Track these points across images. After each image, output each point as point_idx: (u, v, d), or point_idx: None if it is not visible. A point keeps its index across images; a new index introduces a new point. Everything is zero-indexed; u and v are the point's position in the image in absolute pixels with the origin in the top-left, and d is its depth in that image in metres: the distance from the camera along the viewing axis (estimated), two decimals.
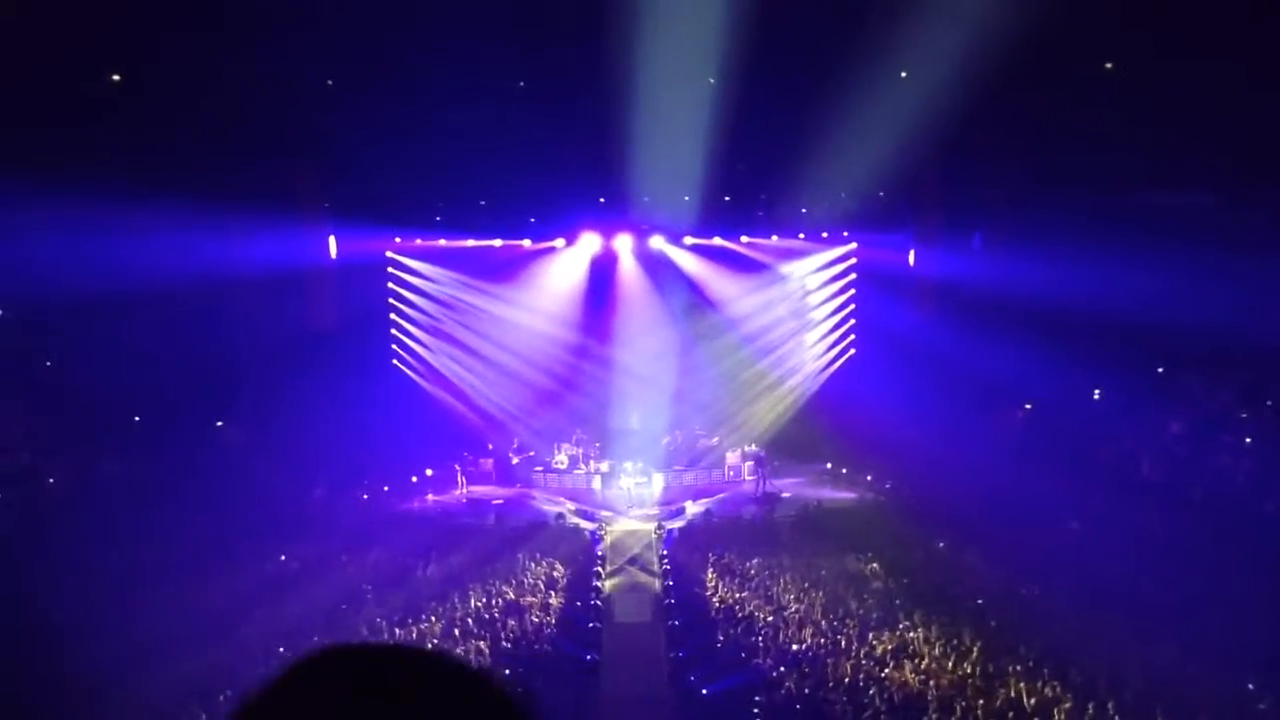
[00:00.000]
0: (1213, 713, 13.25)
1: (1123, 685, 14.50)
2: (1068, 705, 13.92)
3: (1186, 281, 20.32)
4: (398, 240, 27.23)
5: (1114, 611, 16.89)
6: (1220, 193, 21.99)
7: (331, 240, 26.17)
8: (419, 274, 27.51)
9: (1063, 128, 21.50)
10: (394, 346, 27.88)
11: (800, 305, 28.71)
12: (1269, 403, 20.62)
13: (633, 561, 21.10)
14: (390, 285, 27.59)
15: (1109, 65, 19.83)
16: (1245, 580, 16.57)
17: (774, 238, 27.63)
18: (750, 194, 27.26)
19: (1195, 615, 16.12)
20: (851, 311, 28.57)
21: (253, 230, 23.37)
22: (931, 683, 15.11)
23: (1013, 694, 14.46)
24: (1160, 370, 23.01)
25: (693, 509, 23.99)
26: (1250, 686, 13.98)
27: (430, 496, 24.98)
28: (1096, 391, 23.72)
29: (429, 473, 25.52)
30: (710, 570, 19.89)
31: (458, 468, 25.69)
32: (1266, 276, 19.49)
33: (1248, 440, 20.02)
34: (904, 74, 20.06)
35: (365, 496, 24.22)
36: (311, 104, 21.45)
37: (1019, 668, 15.31)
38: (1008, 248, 24.62)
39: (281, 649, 16.29)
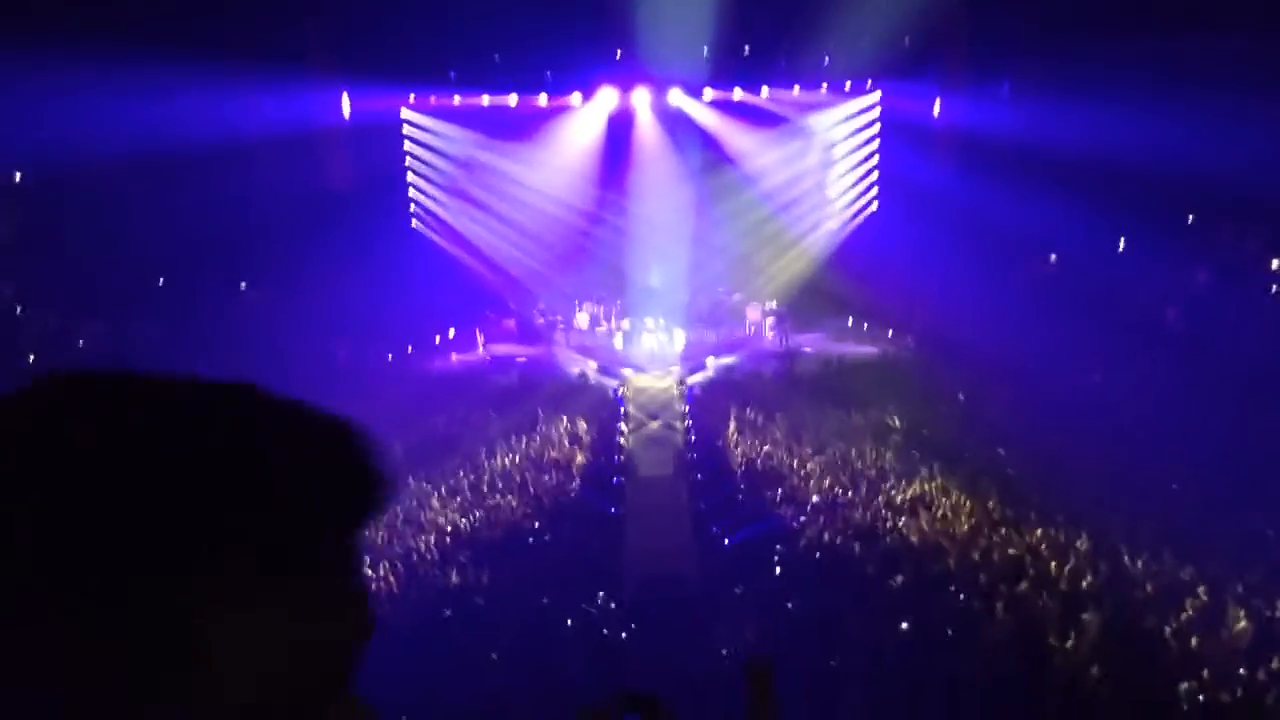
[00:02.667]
0: (1229, 559, 13.49)
1: (1139, 532, 14.78)
2: (1083, 551, 14.21)
3: (1218, 127, 19.77)
4: (412, 98, 26.68)
5: (1133, 461, 17.08)
6: (1255, 34, 21.12)
7: (345, 99, 25.70)
8: (435, 133, 27.04)
9: None
10: (412, 207, 27.67)
11: (822, 158, 28.14)
12: None
13: (655, 417, 21.36)
14: (406, 145, 27.18)
15: None
16: (1266, 429, 16.66)
17: (795, 89, 26.86)
18: (771, 44, 26.39)
19: (1215, 464, 16.30)
20: (875, 164, 27.98)
21: (266, 91, 23.02)
22: (949, 531, 15.44)
23: (1029, 541, 14.76)
24: (1189, 219, 22.60)
25: (714, 365, 24.11)
26: (1269, 533, 14.18)
27: (454, 356, 25.20)
28: (1122, 241, 23.38)
29: (451, 332, 25.68)
30: (732, 425, 20.14)
31: (479, 328, 25.86)
32: None
33: (1275, 289, 19.77)
34: None
35: (389, 356, 24.45)
36: None
37: (1035, 516, 15.60)
38: (1036, 96, 23.89)
39: None
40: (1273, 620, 11.91)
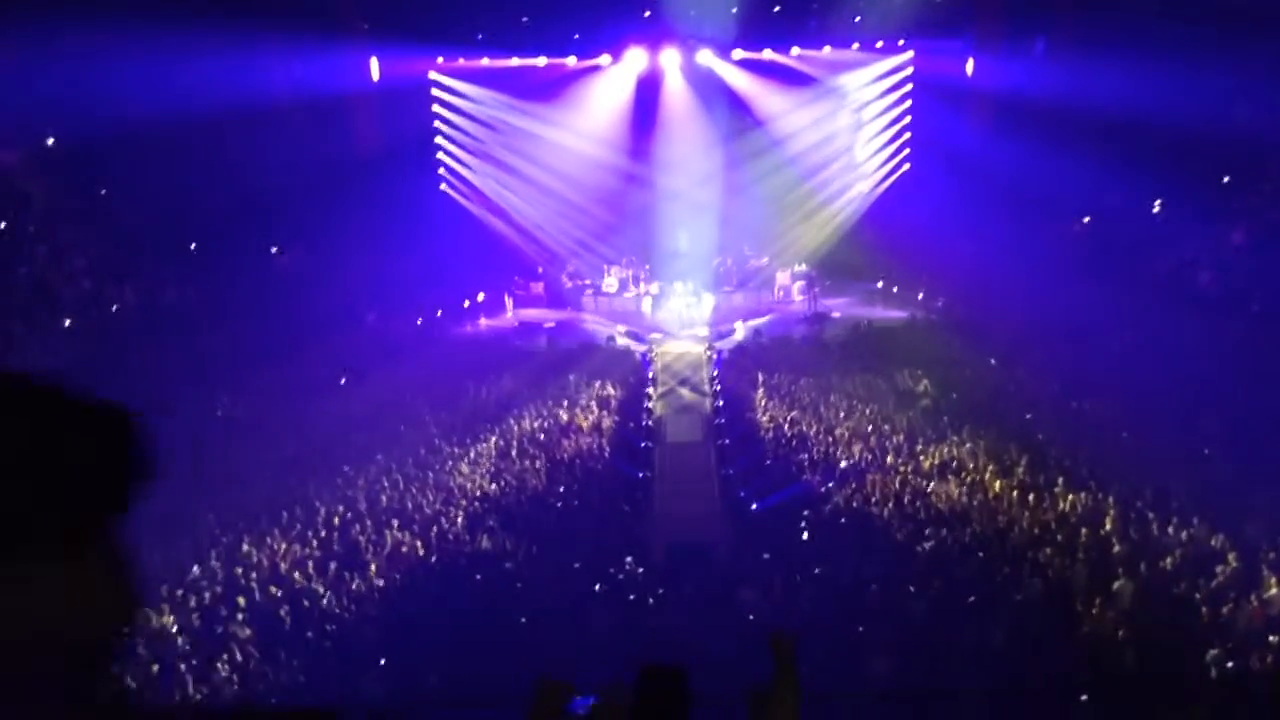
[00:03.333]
0: (1260, 523, 13.37)
1: (1168, 497, 14.68)
2: (1111, 515, 14.15)
3: (1255, 86, 19.39)
4: (440, 61, 26.60)
5: (1164, 426, 16.93)
6: None
7: (374, 62, 25.66)
8: (464, 95, 26.97)
9: None
10: (441, 171, 27.66)
11: (853, 119, 27.83)
12: None
13: (683, 382, 21.39)
14: (435, 108, 27.13)
15: None
16: None
17: (826, 49, 26.51)
18: (801, 2, 26.09)
19: (1246, 429, 16.13)
20: (906, 125, 27.64)
21: (295, 54, 23.05)
22: (977, 496, 15.41)
23: (1058, 507, 14.71)
24: (1225, 180, 22.20)
25: (742, 329, 24.08)
26: None
27: (482, 320, 25.31)
28: (1157, 203, 23.01)
29: (480, 297, 25.76)
30: (760, 390, 20.13)
31: (508, 293, 25.95)
32: None
33: None
34: None
35: (419, 321, 24.59)
36: None
37: (1064, 481, 15.53)
38: (1072, 53, 23.47)
39: (346, 469, 17.08)
40: None
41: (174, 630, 12.18)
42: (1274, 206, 20.97)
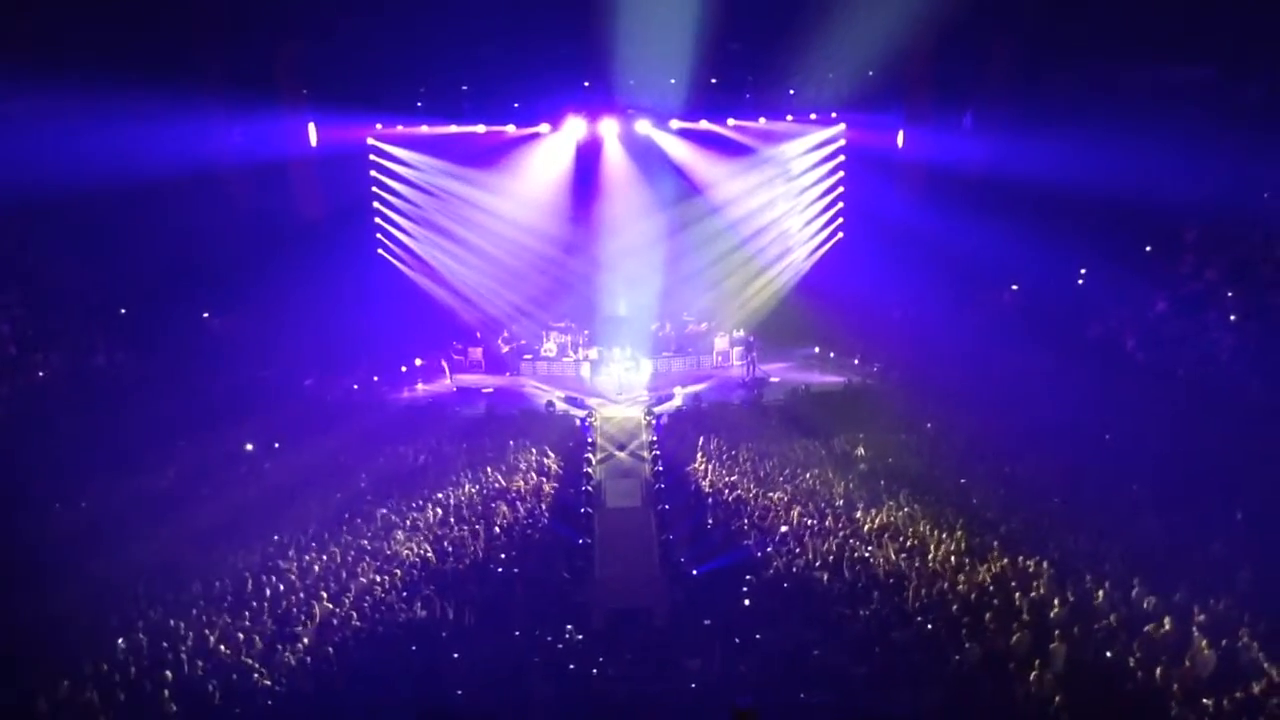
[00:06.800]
0: (1192, 584, 13.60)
1: (1103, 559, 14.90)
2: (1046, 579, 14.30)
3: (1178, 159, 20.14)
4: (379, 127, 26.67)
5: (1096, 488, 17.25)
6: (1215, 68, 21.60)
7: (311, 128, 25.65)
8: (402, 161, 27.04)
9: (1051, 7, 21.14)
10: (379, 236, 27.57)
11: (789, 188, 28.37)
12: (1256, 281, 20.62)
13: (622, 447, 21.34)
14: (373, 174, 27.12)
15: None
16: (1226, 457, 16.87)
17: (761, 120, 27.12)
18: (738, 75, 26.66)
19: (1176, 490, 16.49)
20: (840, 194, 28.28)
21: (233, 120, 23.00)
22: (915, 560, 15.48)
23: (994, 570, 14.83)
24: (1148, 249, 22.97)
25: (682, 394, 24.14)
26: (1232, 561, 14.31)
27: (420, 386, 25.07)
28: (1083, 271, 23.71)
29: (418, 362, 25.56)
30: (700, 455, 20.14)
31: (446, 359, 25.80)
32: (1259, 153, 19.34)
33: (1233, 318, 20.09)
34: None
35: (355, 386, 24.31)
36: None
37: (1000, 544, 15.69)
38: (999, 127, 24.30)
39: (277, 538, 16.68)
40: (1235, 650, 12.00)
41: (97, 705, 11.70)
42: (1195, 276, 21.71)
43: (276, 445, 20.37)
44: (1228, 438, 17.25)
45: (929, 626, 13.59)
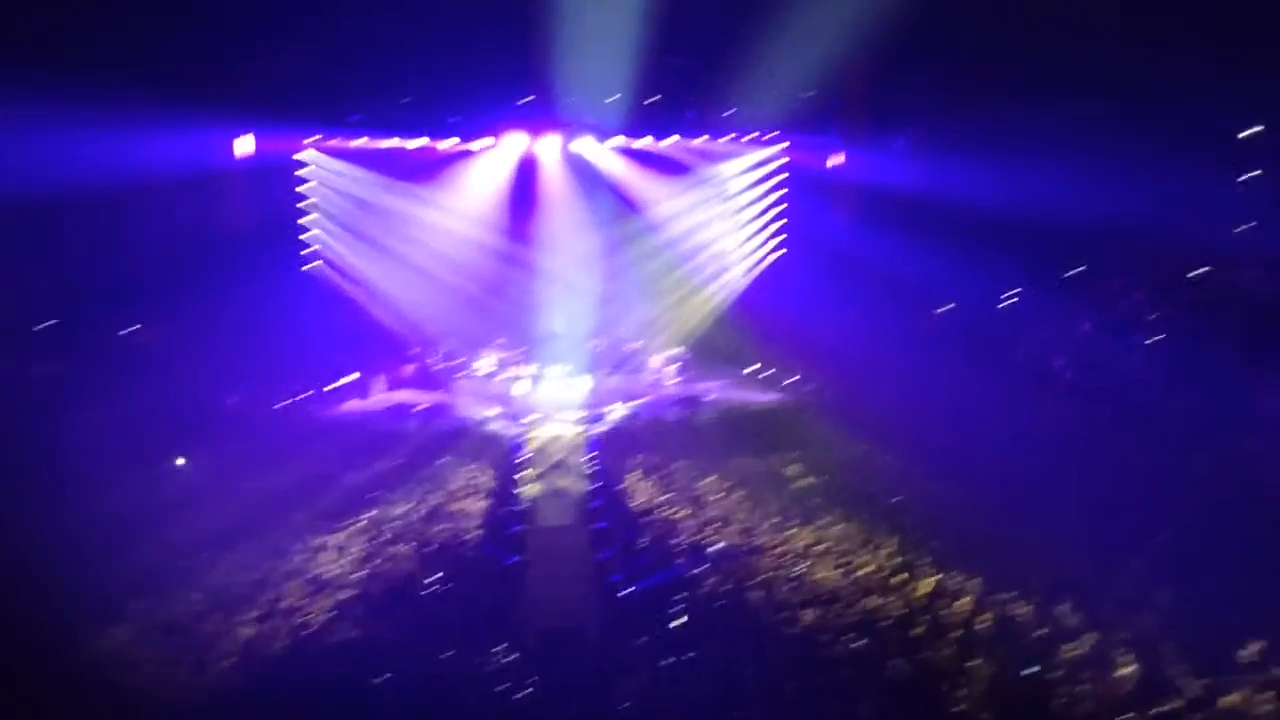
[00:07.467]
0: (1116, 602, 13.83)
1: (1030, 576, 15.09)
2: (974, 595, 14.46)
3: (1103, 185, 20.60)
4: (315, 139, 26.26)
5: (1024, 507, 17.47)
6: (1130, 98, 22.17)
7: (245, 140, 25.18)
8: (337, 174, 26.62)
9: (984, 37, 21.64)
10: (312, 250, 27.10)
11: (728, 207, 28.49)
12: (1179, 303, 21.14)
13: (557, 465, 21.15)
14: (307, 187, 26.69)
15: None
16: (1149, 476, 17.22)
17: (703, 139, 27.23)
18: (679, 94, 26.73)
19: (1102, 510, 16.78)
20: (779, 213, 28.43)
21: (164, 130, 22.49)
22: (848, 577, 15.55)
23: (924, 586, 14.95)
24: (1075, 271, 23.45)
25: (617, 412, 24.04)
26: (1155, 578, 14.58)
27: (351, 403, 24.69)
28: (1012, 293, 24.12)
29: (350, 378, 25.18)
30: (634, 473, 20.07)
31: (379, 375, 25.45)
32: (1181, 178, 19.86)
33: (1155, 339, 20.59)
34: None
35: (284, 403, 23.88)
36: None
37: (931, 562, 15.84)
38: (933, 150, 24.70)
39: (205, 555, 16.28)
40: (1157, 666, 12.21)
41: None
42: (1122, 297, 22.19)
43: (182, 461, 19.93)
44: (1150, 457, 17.62)
45: (860, 643, 13.65)
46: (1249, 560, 14.37)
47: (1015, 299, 23.94)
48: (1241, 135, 20.20)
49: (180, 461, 19.81)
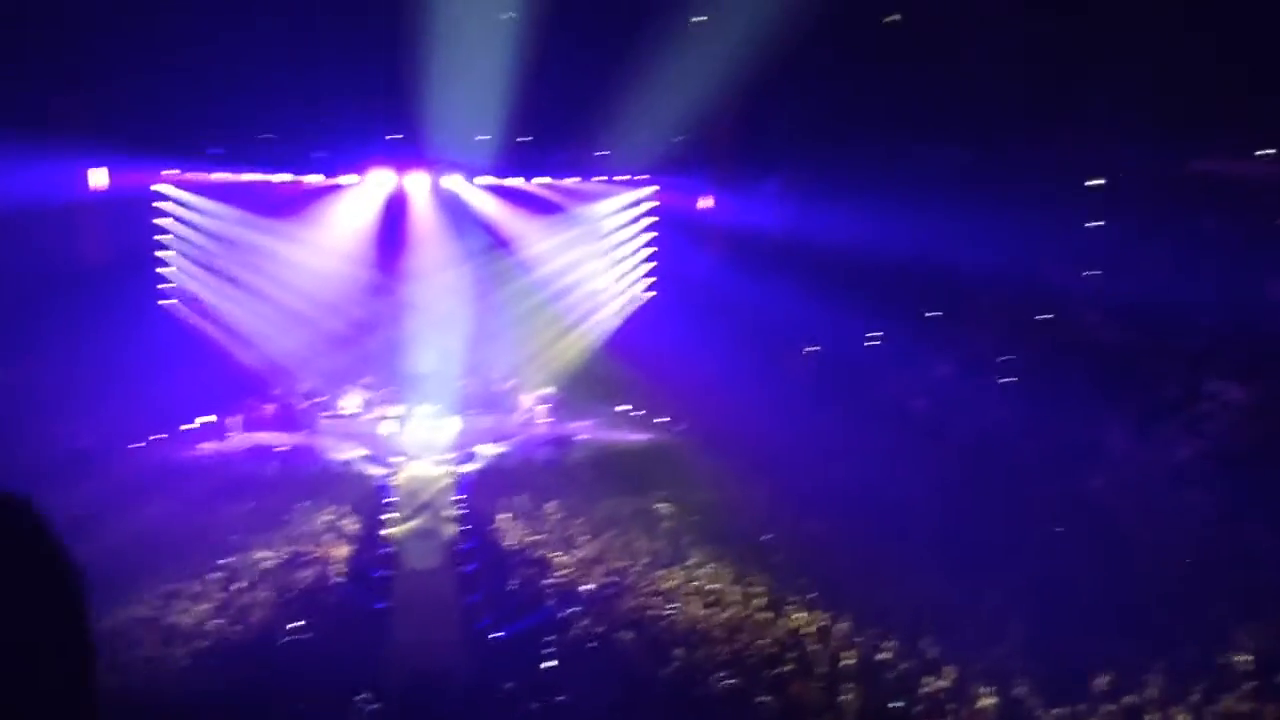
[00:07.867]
0: (975, 634, 14.26)
1: (894, 611, 15.45)
2: (841, 630, 14.72)
3: (960, 229, 21.45)
4: (171, 172, 25.33)
5: (889, 543, 17.93)
6: (985, 146, 23.23)
7: (98, 172, 24.10)
8: (195, 208, 25.71)
9: (848, 83, 22.40)
10: (166, 286, 26.02)
11: (598, 247, 28.61)
12: (1035, 346, 22.10)
13: (425, 507, 20.74)
14: (162, 221, 25.67)
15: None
16: (1004, 516, 17.90)
17: (573, 179, 27.35)
18: (550, 135, 26.82)
19: (961, 545, 17.33)
20: (650, 254, 28.70)
21: (12, 160, 21.36)
22: (718, 616, 15.63)
23: (792, 625, 15.14)
24: (933, 314, 24.29)
25: (487, 453, 23.76)
26: (1009, 612, 15.10)
27: (208, 445, 23.71)
28: (874, 335, 24.83)
29: (207, 419, 24.19)
30: (504, 514, 19.82)
31: (237, 415, 24.53)
32: (1031, 226, 20.84)
33: (1009, 381, 21.47)
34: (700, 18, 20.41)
35: (138, 445, 22.78)
36: (74, 25, 19.69)
37: (799, 599, 16.06)
38: (798, 194, 25.36)
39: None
40: (1015, 700, 12.60)
41: None
42: (976, 340, 23.10)
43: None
44: (1005, 493, 18.32)
45: (731, 681, 13.69)
46: (1096, 592, 15.05)
47: (879, 340, 24.66)
48: (1088, 184, 21.29)
49: None
